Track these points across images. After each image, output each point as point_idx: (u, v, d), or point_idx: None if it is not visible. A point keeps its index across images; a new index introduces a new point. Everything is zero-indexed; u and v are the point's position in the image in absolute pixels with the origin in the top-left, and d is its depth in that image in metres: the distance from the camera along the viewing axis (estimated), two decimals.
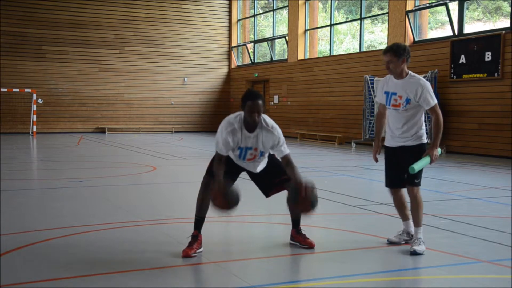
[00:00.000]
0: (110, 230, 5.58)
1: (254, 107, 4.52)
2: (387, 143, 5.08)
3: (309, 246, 4.90)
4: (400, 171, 4.97)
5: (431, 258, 4.66)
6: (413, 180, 4.89)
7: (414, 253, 4.69)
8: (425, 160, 4.82)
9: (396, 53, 4.80)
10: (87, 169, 11.07)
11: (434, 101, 4.84)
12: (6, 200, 7.18)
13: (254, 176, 5.00)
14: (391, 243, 5.05)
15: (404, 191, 5.08)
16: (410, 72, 4.91)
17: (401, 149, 4.95)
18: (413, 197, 4.89)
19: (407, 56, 4.84)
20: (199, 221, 4.78)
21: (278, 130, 4.71)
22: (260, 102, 4.54)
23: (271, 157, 4.97)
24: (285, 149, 4.73)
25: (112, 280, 4.03)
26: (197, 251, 4.64)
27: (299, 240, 4.95)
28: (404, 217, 5.11)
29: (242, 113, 4.67)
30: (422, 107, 4.88)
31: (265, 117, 4.72)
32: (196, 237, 4.70)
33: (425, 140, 4.98)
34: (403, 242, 5.06)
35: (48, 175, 10.54)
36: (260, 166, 4.92)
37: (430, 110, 4.85)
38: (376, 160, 5.17)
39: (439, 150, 4.89)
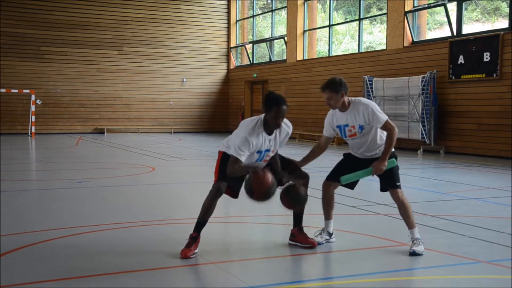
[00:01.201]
0: (109, 231, 5.58)
1: (280, 112, 4.62)
2: (354, 153, 5.12)
3: (312, 245, 4.89)
4: (352, 171, 4.98)
5: (430, 258, 4.67)
6: (394, 184, 4.89)
7: (414, 254, 4.70)
8: (361, 173, 4.85)
9: (333, 89, 4.85)
10: (86, 170, 11.07)
11: (383, 118, 4.85)
12: (6, 201, 7.18)
13: None
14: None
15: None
16: (350, 99, 4.93)
17: (367, 160, 4.99)
18: (400, 202, 4.88)
19: (345, 89, 4.86)
20: (201, 224, 4.75)
21: (291, 127, 4.90)
22: (285, 107, 4.65)
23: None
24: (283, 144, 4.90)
25: (111, 281, 4.03)
26: (194, 251, 4.64)
27: (300, 240, 4.94)
28: (328, 217, 5.16)
29: (260, 117, 4.73)
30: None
31: None
32: (195, 239, 4.68)
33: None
34: (324, 241, 5.08)
35: (47, 176, 10.54)
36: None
37: (383, 126, 4.86)
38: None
39: (393, 160, 4.89)
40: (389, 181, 4.91)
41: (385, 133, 4.95)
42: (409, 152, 15.16)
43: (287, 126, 4.85)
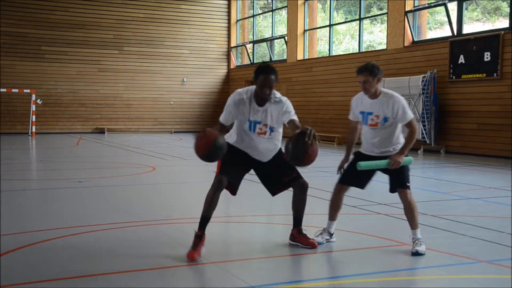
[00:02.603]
0: (110, 231, 5.58)
1: (266, 81, 4.52)
2: (365, 152, 5.09)
3: (312, 246, 4.87)
4: (365, 174, 4.97)
5: (431, 258, 4.66)
6: (404, 183, 4.88)
7: (417, 254, 4.69)
8: (379, 162, 4.84)
9: (371, 72, 4.78)
10: (86, 170, 11.06)
11: (410, 115, 4.87)
12: (6, 201, 7.18)
13: (262, 174, 4.97)
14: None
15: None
16: (382, 89, 4.91)
17: (379, 158, 4.97)
18: (407, 202, 4.87)
19: (381, 74, 4.84)
20: (205, 220, 4.70)
21: (286, 100, 4.76)
22: (273, 77, 4.55)
23: (280, 156, 4.92)
24: (293, 115, 4.72)
25: (111, 281, 4.03)
26: (201, 253, 4.56)
27: (301, 241, 4.92)
28: (333, 217, 5.14)
29: (253, 86, 4.70)
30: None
31: (275, 92, 4.75)
32: (200, 237, 4.63)
33: None
34: (325, 241, 5.07)
35: (47, 175, 10.54)
36: (270, 154, 4.88)
37: (407, 124, 4.88)
38: (339, 172, 5.14)
39: (411, 159, 4.89)
40: (399, 181, 4.89)
41: (401, 136, 4.97)
42: (410, 151, 15.10)
43: (279, 99, 4.71)
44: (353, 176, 5.02)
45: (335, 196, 5.14)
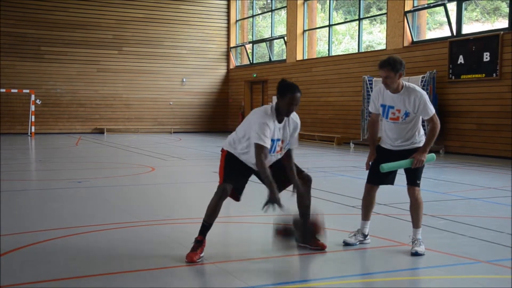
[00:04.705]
0: (109, 231, 5.58)
1: (294, 99, 4.55)
2: (384, 145, 5.05)
3: (321, 248, 4.84)
4: (391, 171, 4.95)
5: (430, 258, 4.66)
6: (415, 181, 4.88)
7: (416, 254, 4.68)
8: (402, 163, 4.80)
9: (393, 68, 4.69)
10: (85, 170, 11.06)
11: (432, 111, 4.82)
12: (6, 201, 7.18)
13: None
14: (346, 244, 5.01)
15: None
16: (405, 83, 4.83)
17: (398, 152, 4.95)
18: (414, 199, 4.87)
19: (403, 69, 4.75)
20: (206, 227, 4.67)
21: (298, 119, 4.84)
22: (299, 95, 4.59)
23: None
24: (296, 141, 4.85)
25: (111, 281, 4.03)
26: (200, 255, 4.56)
27: (310, 243, 4.89)
28: (366, 217, 5.10)
29: (271, 105, 4.67)
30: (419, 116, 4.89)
31: None
32: (200, 242, 4.60)
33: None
34: (358, 242, 5.04)
35: (46, 176, 10.53)
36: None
37: (429, 119, 4.83)
38: (368, 168, 5.11)
39: (433, 155, 4.87)
40: (411, 178, 4.88)
41: (422, 131, 4.95)
42: None
43: (296, 117, 4.79)
44: (379, 176, 4.97)
45: (366, 195, 5.09)
